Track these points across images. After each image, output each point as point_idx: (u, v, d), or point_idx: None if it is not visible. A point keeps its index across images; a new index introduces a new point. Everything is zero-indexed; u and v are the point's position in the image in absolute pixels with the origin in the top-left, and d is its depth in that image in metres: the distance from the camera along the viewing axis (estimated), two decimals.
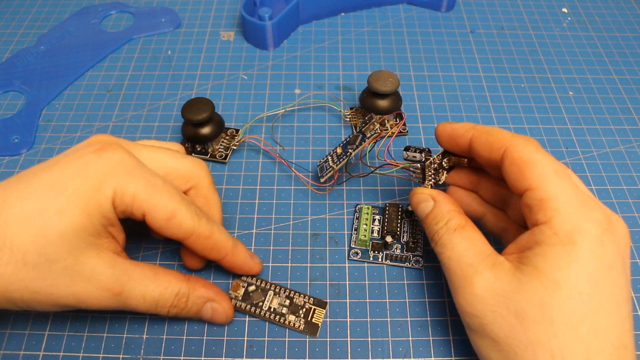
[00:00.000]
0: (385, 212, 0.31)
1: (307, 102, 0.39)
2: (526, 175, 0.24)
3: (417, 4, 0.48)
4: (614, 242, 0.22)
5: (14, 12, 0.47)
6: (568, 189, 0.23)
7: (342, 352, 0.27)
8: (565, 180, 0.23)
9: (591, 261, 0.22)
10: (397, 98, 0.35)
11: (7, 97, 0.40)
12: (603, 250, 0.22)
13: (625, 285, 0.23)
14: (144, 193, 0.24)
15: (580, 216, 0.22)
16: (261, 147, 0.36)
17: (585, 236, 0.22)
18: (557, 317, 0.21)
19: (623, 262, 0.23)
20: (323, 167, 0.32)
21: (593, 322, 0.21)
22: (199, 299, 0.27)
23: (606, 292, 0.22)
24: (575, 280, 0.21)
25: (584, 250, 0.22)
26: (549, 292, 0.22)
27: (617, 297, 0.22)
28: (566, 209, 0.22)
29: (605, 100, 0.40)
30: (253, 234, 0.32)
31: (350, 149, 0.31)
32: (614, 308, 0.22)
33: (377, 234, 0.31)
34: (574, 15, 0.48)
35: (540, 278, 0.22)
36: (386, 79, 0.34)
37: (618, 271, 0.22)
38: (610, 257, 0.22)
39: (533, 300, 0.22)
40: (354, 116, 0.38)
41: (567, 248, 0.22)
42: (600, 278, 0.22)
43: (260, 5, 0.44)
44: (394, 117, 0.37)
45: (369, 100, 0.35)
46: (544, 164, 0.23)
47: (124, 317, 0.28)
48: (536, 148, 0.24)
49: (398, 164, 0.30)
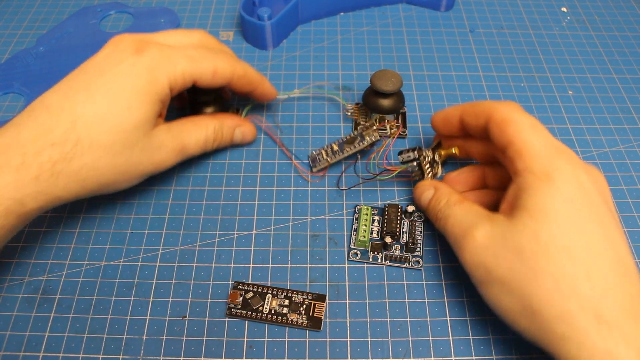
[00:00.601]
0: (385, 213, 0.31)
1: (312, 92, 0.40)
2: (505, 132, 0.26)
3: (417, 3, 0.48)
4: (589, 178, 0.25)
5: (12, 12, 0.47)
6: (543, 138, 0.26)
7: (342, 352, 0.27)
8: (540, 131, 0.26)
9: (570, 189, 0.24)
10: (399, 98, 0.36)
11: (7, 99, 0.40)
12: (579, 181, 0.24)
13: (609, 214, 0.24)
14: (189, 67, 0.29)
15: (555, 157, 0.25)
16: (262, 128, 0.37)
17: (561, 171, 0.24)
18: (550, 243, 0.23)
19: (602, 192, 0.25)
20: (316, 158, 0.34)
21: (585, 240, 0.23)
22: (229, 127, 0.34)
23: (592, 215, 0.24)
24: (559, 207, 0.24)
25: (562, 181, 0.24)
26: (539, 223, 0.23)
27: (603, 218, 0.24)
28: (542, 153, 0.25)
29: (604, 100, 0.40)
30: (253, 235, 0.32)
31: (347, 147, 0.32)
32: (602, 227, 0.24)
33: (377, 235, 0.31)
34: (574, 15, 0.48)
35: (529, 213, 0.24)
36: (389, 78, 0.34)
37: (598, 200, 0.24)
38: (588, 187, 0.24)
39: (526, 234, 0.24)
40: (356, 111, 0.38)
41: (547, 183, 0.24)
42: (582, 203, 0.24)
43: (260, 5, 0.44)
44: (394, 117, 0.37)
45: (371, 99, 0.35)
46: (521, 120, 0.26)
47: (124, 318, 0.28)
48: (515, 109, 0.27)
49: (396, 168, 0.32)
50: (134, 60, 0.28)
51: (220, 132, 0.33)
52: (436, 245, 0.31)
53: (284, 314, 0.28)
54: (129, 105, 0.27)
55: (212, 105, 0.35)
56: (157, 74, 0.28)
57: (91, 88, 0.27)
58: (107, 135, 0.27)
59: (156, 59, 0.28)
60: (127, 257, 0.31)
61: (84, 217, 0.33)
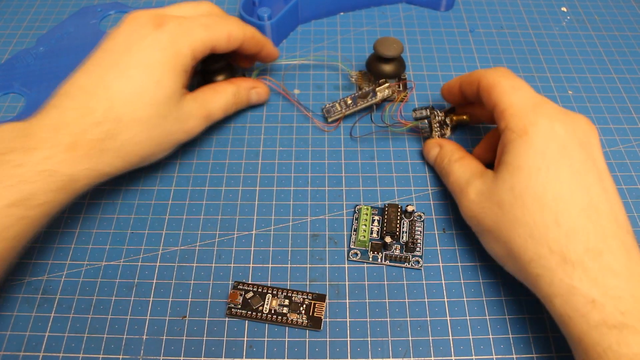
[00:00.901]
0: (385, 213, 0.31)
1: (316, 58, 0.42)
2: (491, 95, 0.29)
3: (416, 3, 0.48)
4: (567, 128, 0.26)
5: (12, 12, 0.47)
6: (523, 97, 0.28)
7: (342, 352, 0.27)
8: (520, 90, 0.28)
9: (544, 142, 0.26)
10: (401, 63, 0.38)
11: (7, 99, 0.40)
12: (554, 133, 0.26)
13: (588, 159, 0.26)
14: (207, 35, 0.31)
15: (532, 113, 0.27)
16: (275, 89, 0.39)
17: (537, 126, 0.26)
18: (524, 194, 0.25)
19: (583, 143, 0.26)
20: (330, 110, 0.37)
21: (555, 189, 0.25)
22: (245, 89, 0.36)
23: (564, 165, 0.25)
24: (532, 160, 0.26)
25: (536, 135, 0.26)
26: (515, 176, 0.26)
27: (577, 168, 0.25)
28: (520, 111, 0.27)
29: (604, 100, 0.40)
30: (253, 235, 0.32)
31: (360, 101, 0.36)
32: (575, 176, 0.25)
33: (377, 235, 0.31)
34: (573, 15, 0.48)
35: (507, 168, 0.27)
36: (391, 44, 0.37)
37: (577, 148, 0.26)
38: (562, 137, 0.26)
39: (505, 188, 0.26)
40: (359, 77, 0.40)
41: (523, 138, 0.26)
42: (556, 154, 0.26)
43: (260, 5, 0.44)
44: (397, 85, 0.39)
45: (374, 64, 0.38)
46: (504, 83, 0.29)
47: (124, 318, 0.28)
48: (500, 73, 0.30)
49: (407, 123, 0.36)
50: (157, 35, 0.29)
51: (239, 94, 0.35)
52: (436, 245, 0.31)
53: (284, 314, 0.28)
54: (159, 79, 0.29)
55: (222, 73, 0.37)
56: (180, 46, 0.30)
57: (121, 66, 0.28)
58: (144, 110, 0.28)
59: (177, 31, 0.30)
60: (127, 257, 0.31)
61: (84, 217, 0.33)
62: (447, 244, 0.31)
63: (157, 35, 0.29)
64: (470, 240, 0.31)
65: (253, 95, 0.37)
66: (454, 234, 0.32)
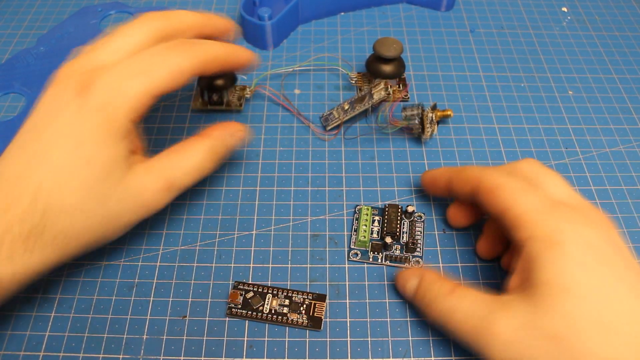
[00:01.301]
0: (385, 213, 0.31)
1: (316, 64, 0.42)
2: (498, 198, 0.25)
3: (417, 3, 0.48)
4: (594, 231, 0.23)
5: (13, 12, 0.47)
6: (536, 200, 0.25)
7: (342, 352, 0.27)
8: (532, 194, 0.25)
9: (581, 253, 0.23)
10: (400, 64, 0.38)
11: (8, 99, 0.40)
12: (586, 240, 0.23)
13: (627, 265, 0.23)
14: (145, 87, 0.25)
15: (554, 219, 0.24)
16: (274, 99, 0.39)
17: (565, 233, 0.23)
18: (583, 322, 0.21)
19: (614, 245, 0.24)
20: (327, 118, 0.37)
21: (616, 311, 0.22)
22: (224, 141, 0.29)
23: (611, 278, 0.22)
24: (578, 277, 0.22)
25: (570, 245, 0.23)
26: (564, 302, 0.22)
27: (626, 277, 0.23)
28: (540, 217, 0.24)
29: (604, 100, 0.40)
30: (253, 235, 0.32)
31: (357, 105, 0.36)
32: (628, 288, 0.22)
33: (377, 235, 0.31)
34: (574, 15, 0.48)
35: (549, 290, 0.22)
36: (390, 44, 0.37)
37: (614, 254, 0.23)
38: (597, 244, 0.23)
39: (556, 317, 0.22)
40: (359, 79, 0.40)
41: (556, 249, 0.23)
42: (598, 266, 0.22)
43: (260, 5, 0.44)
44: (397, 84, 0.39)
45: (374, 64, 0.38)
46: (511, 185, 0.25)
47: (124, 317, 0.28)
48: (503, 173, 0.27)
49: (399, 123, 0.35)
50: (80, 102, 0.24)
51: (215, 150, 0.29)
52: (436, 245, 0.31)
53: (284, 314, 0.28)
54: (89, 157, 0.24)
55: (222, 77, 0.36)
56: (110, 111, 0.24)
57: (43, 146, 0.24)
58: (74, 196, 0.24)
59: (105, 93, 0.24)
60: (128, 257, 0.31)
61: None
62: (447, 244, 0.31)
63: (80, 103, 0.24)
64: (470, 241, 0.31)
65: (231, 141, 0.30)
66: (454, 235, 0.32)
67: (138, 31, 0.27)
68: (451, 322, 0.25)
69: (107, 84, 0.24)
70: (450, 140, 0.37)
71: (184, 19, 0.28)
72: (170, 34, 0.27)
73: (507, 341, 0.23)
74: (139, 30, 0.27)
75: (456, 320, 0.25)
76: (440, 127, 0.37)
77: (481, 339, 0.23)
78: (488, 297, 0.25)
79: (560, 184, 0.26)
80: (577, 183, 0.35)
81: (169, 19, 0.28)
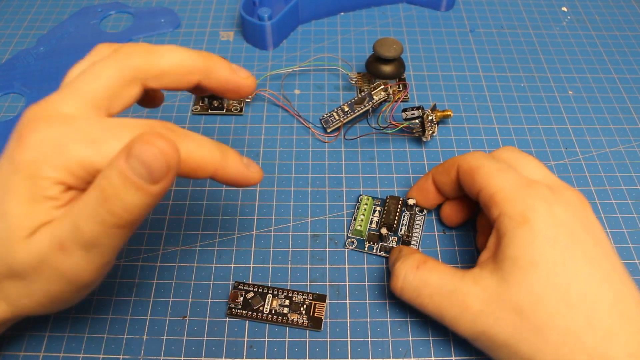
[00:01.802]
0: (385, 204, 0.32)
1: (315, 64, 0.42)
2: (475, 179, 0.26)
3: (417, 3, 0.48)
4: (566, 209, 0.24)
5: (13, 12, 0.47)
6: (511, 179, 0.25)
7: (342, 352, 0.27)
8: (507, 173, 0.26)
9: (550, 230, 0.23)
10: (400, 64, 0.38)
11: (8, 99, 0.40)
12: (557, 218, 0.23)
13: (597, 242, 0.24)
14: (87, 154, 0.20)
15: (527, 196, 0.24)
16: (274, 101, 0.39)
17: (536, 211, 0.23)
18: (547, 295, 0.22)
19: (585, 224, 0.24)
20: (328, 120, 0.36)
21: (578, 286, 0.22)
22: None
23: (579, 255, 0.23)
24: (545, 252, 0.23)
25: (540, 223, 0.23)
26: (531, 275, 0.23)
27: (591, 256, 0.23)
28: (513, 195, 0.24)
29: (604, 100, 0.40)
30: (253, 235, 0.32)
31: (357, 107, 0.36)
32: (593, 266, 0.23)
33: (376, 225, 0.31)
34: (574, 14, 0.47)
35: (517, 265, 0.23)
36: (390, 44, 0.37)
37: (583, 232, 0.24)
38: (568, 222, 0.24)
39: (522, 290, 0.23)
40: (359, 79, 0.40)
41: (526, 227, 0.23)
42: (566, 243, 0.23)
43: (260, 5, 0.44)
44: (397, 85, 0.39)
45: (374, 65, 0.38)
46: (487, 165, 0.26)
47: (124, 318, 0.28)
48: (483, 155, 0.27)
49: (399, 124, 0.34)
50: (13, 155, 0.20)
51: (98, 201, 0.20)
52: (436, 246, 0.31)
53: (285, 314, 0.28)
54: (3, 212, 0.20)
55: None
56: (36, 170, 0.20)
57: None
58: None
59: (41, 148, 0.20)
60: (128, 257, 0.31)
61: None
62: (447, 244, 0.31)
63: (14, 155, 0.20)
64: (470, 242, 0.31)
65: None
66: (454, 235, 0.32)
67: (110, 72, 0.22)
68: (421, 298, 0.25)
69: (45, 140, 0.20)
70: (450, 140, 0.37)
71: (172, 59, 0.23)
72: (151, 75, 0.22)
73: (476, 313, 0.23)
74: (112, 72, 0.22)
75: (425, 294, 0.25)
76: (441, 128, 0.37)
77: (450, 311, 0.24)
78: (457, 271, 0.25)
79: (537, 166, 0.27)
80: (577, 183, 0.35)
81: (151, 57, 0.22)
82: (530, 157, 0.28)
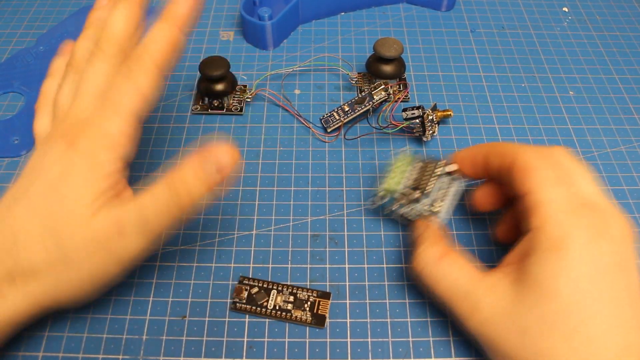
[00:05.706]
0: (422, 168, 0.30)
1: (316, 64, 0.42)
2: (527, 179, 0.25)
3: (417, 3, 0.48)
4: (608, 245, 0.23)
5: (12, 12, 0.47)
6: (563, 196, 0.24)
7: (342, 352, 0.27)
8: (561, 187, 0.24)
9: (584, 266, 0.22)
10: (401, 64, 0.38)
11: (7, 98, 0.40)
12: (594, 255, 0.23)
13: (627, 286, 0.23)
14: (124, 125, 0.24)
15: (571, 222, 0.23)
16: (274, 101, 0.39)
17: (575, 242, 0.23)
18: (554, 328, 0.22)
19: (622, 264, 0.23)
20: (328, 120, 0.37)
21: (588, 330, 0.22)
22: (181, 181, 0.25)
23: (604, 297, 0.22)
24: (568, 289, 0.22)
25: (575, 256, 0.22)
26: (547, 304, 0.22)
27: (618, 299, 0.22)
28: (557, 215, 0.23)
29: (605, 100, 0.40)
30: (253, 235, 0.32)
31: (358, 107, 0.36)
32: (615, 310, 0.22)
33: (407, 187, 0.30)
34: (575, 15, 0.47)
35: (538, 289, 0.23)
36: (391, 45, 0.37)
37: (616, 273, 0.23)
38: (605, 260, 0.23)
39: (533, 314, 0.23)
40: (360, 79, 0.40)
41: (559, 254, 0.23)
42: (595, 283, 0.22)
43: (260, 5, 0.44)
44: (397, 85, 0.39)
45: (374, 65, 0.38)
46: (544, 171, 0.25)
47: (124, 317, 0.28)
48: (539, 155, 0.25)
49: (400, 124, 0.35)
50: (70, 154, 0.24)
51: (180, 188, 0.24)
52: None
53: (288, 310, 0.28)
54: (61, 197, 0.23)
55: (222, 82, 0.37)
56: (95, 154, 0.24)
57: (32, 198, 0.24)
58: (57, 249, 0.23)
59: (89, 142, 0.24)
60: None
61: None
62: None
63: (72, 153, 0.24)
64: (470, 242, 0.31)
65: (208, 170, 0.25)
66: (454, 235, 0.32)
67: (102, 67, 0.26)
68: (438, 289, 0.26)
69: (91, 134, 0.24)
70: (450, 140, 0.37)
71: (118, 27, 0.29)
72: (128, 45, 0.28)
73: (486, 319, 0.24)
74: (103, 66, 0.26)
75: (442, 288, 0.26)
76: (441, 128, 0.37)
77: (461, 309, 0.25)
78: (476, 272, 0.25)
79: (590, 182, 0.25)
80: None
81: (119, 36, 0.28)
82: (584, 169, 0.26)
